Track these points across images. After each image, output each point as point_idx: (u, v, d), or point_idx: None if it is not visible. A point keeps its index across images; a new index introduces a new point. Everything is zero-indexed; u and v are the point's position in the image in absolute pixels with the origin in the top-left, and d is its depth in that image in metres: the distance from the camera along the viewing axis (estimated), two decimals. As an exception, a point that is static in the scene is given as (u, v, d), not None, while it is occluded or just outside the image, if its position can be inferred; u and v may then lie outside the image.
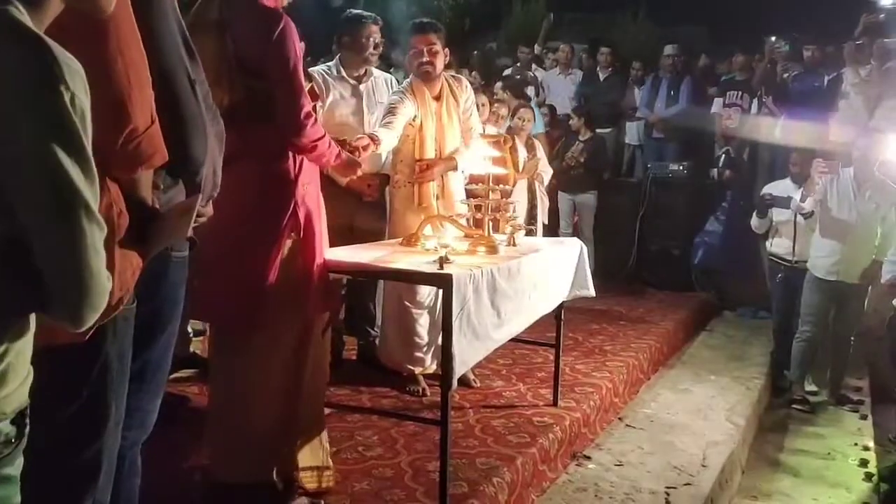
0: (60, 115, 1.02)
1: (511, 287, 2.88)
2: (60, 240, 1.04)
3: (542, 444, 3.19)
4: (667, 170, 6.96)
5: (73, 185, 1.03)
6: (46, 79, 1.02)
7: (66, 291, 1.07)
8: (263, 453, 2.49)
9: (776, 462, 4.23)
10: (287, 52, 2.36)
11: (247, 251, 2.39)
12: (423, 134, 3.57)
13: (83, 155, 1.05)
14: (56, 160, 1.02)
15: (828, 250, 4.89)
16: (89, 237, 1.06)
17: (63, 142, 1.03)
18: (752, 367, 5.22)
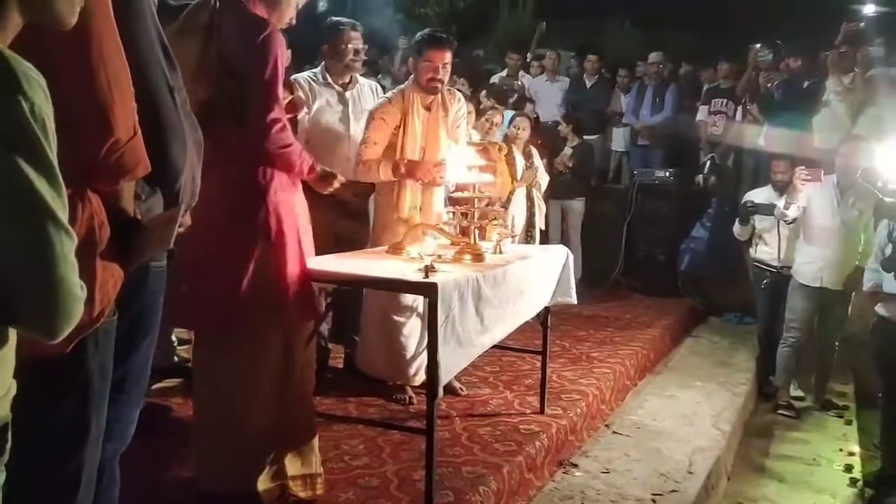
0: (20, 125, 1.01)
1: (496, 295, 2.88)
2: (28, 251, 1.03)
3: (529, 452, 3.19)
4: (653, 176, 6.99)
5: (38, 196, 1.02)
6: (4, 89, 1.00)
7: (37, 303, 1.05)
8: (247, 463, 2.48)
9: (762, 468, 4.25)
10: (267, 59, 2.39)
11: (221, 257, 2.39)
12: (406, 141, 3.57)
13: (47, 164, 1.03)
14: (19, 171, 1.00)
15: (812, 257, 4.93)
16: (58, 247, 1.04)
17: (25, 152, 1.01)
18: (738, 372, 5.25)
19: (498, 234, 3.34)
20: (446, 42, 3.62)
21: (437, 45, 3.56)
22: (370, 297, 3.59)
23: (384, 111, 3.57)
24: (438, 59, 3.55)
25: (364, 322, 3.71)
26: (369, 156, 3.54)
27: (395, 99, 3.61)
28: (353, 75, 3.94)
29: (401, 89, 3.67)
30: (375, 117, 3.57)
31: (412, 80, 3.65)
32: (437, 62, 3.54)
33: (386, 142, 3.56)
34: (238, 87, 2.41)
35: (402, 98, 3.59)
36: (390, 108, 3.57)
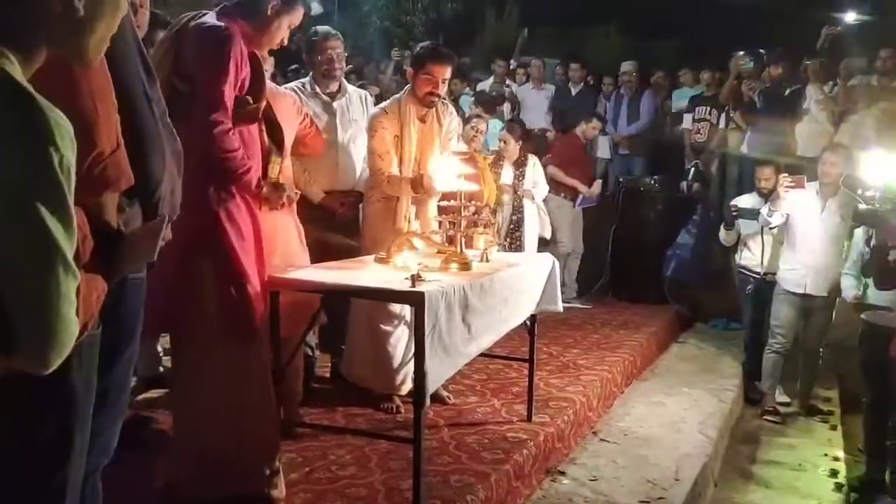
0: (48, 178, 1.07)
1: (483, 303, 2.89)
2: (36, 292, 1.09)
3: (517, 460, 3.19)
4: (638, 183, 7.03)
5: (54, 241, 1.08)
6: (38, 142, 1.06)
7: (35, 338, 1.11)
8: (226, 469, 2.49)
9: (748, 474, 4.27)
10: (218, 60, 2.42)
11: (174, 262, 2.39)
12: (403, 152, 3.57)
13: (65, 210, 1.10)
14: (40, 219, 1.07)
15: (796, 263, 4.97)
16: (64, 288, 1.11)
17: (48, 201, 1.07)
18: (725, 378, 5.28)
19: (484, 242, 3.35)
20: (449, 57, 3.61)
21: (440, 60, 3.55)
22: (357, 305, 3.58)
23: (383, 120, 3.56)
24: (440, 74, 3.54)
25: (351, 331, 3.70)
26: (388, 168, 3.52)
27: (390, 109, 3.60)
28: (341, 85, 3.94)
29: (396, 99, 3.66)
30: (377, 128, 3.56)
31: (408, 91, 3.63)
32: (438, 77, 3.54)
33: (392, 149, 3.55)
34: (189, 90, 2.44)
35: (398, 108, 3.59)
36: (387, 118, 3.56)
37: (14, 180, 1.06)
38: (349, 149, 3.84)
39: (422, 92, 3.56)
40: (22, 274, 1.09)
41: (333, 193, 3.77)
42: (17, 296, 1.10)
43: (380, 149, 3.54)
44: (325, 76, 3.81)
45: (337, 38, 3.83)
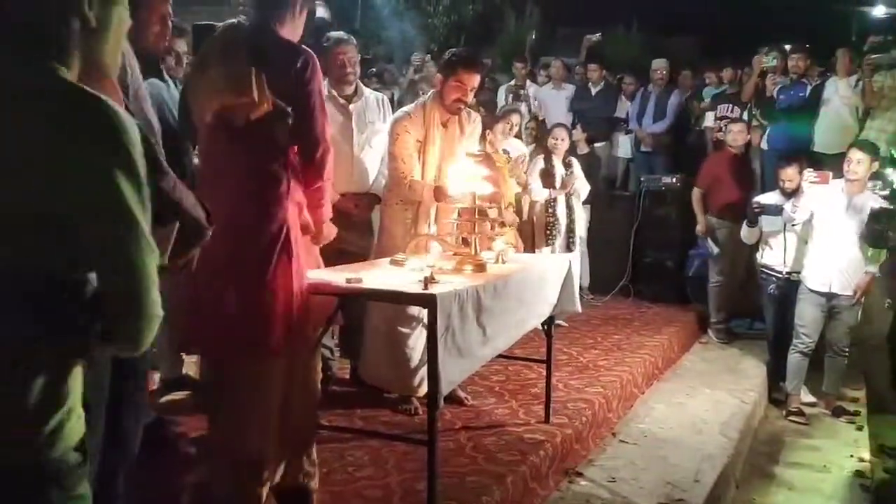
0: (127, 161, 1.12)
1: (497, 305, 2.89)
2: (126, 271, 1.14)
3: (533, 462, 3.19)
4: (660, 182, 6.98)
5: (137, 219, 1.13)
6: (114, 133, 1.11)
7: (130, 319, 1.16)
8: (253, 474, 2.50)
9: (771, 475, 4.22)
10: (315, 89, 2.55)
11: (239, 276, 2.33)
12: (426, 158, 3.57)
13: (143, 191, 1.14)
14: (123, 197, 1.11)
15: (820, 261, 4.91)
16: (149, 266, 1.15)
17: (130, 181, 1.12)
18: (747, 379, 5.22)
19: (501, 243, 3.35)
20: (481, 65, 3.61)
21: (472, 68, 3.53)
22: (374, 307, 3.60)
23: (407, 124, 3.55)
24: (470, 82, 3.53)
25: (368, 333, 3.71)
26: (410, 173, 3.52)
27: (415, 113, 3.59)
28: (357, 88, 3.96)
29: (421, 103, 3.66)
30: (399, 132, 3.55)
31: (433, 96, 3.62)
32: (468, 85, 3.52)
33: (415, 153, 3.56)
34: (280, 110, 2.40)
35: (422, 113, 3.58)
36: (412, 122, 3.56)
37: (99, 165, 1.10)
38: (365, 151, 3.86)
39: (450, 99, 3.54)
40: (111, 255, 1.13)
41: (348, 195, 3.80)
42: (108, 278, 1.14)
43: (402, 153, 3.54)
44: (340, 81, 3.83)
45: (349, 43, 3.85)
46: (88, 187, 1.10)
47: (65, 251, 1.12)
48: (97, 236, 1.12)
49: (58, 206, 1.09)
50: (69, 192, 1.09)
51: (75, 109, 1.10)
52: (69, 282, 1.14)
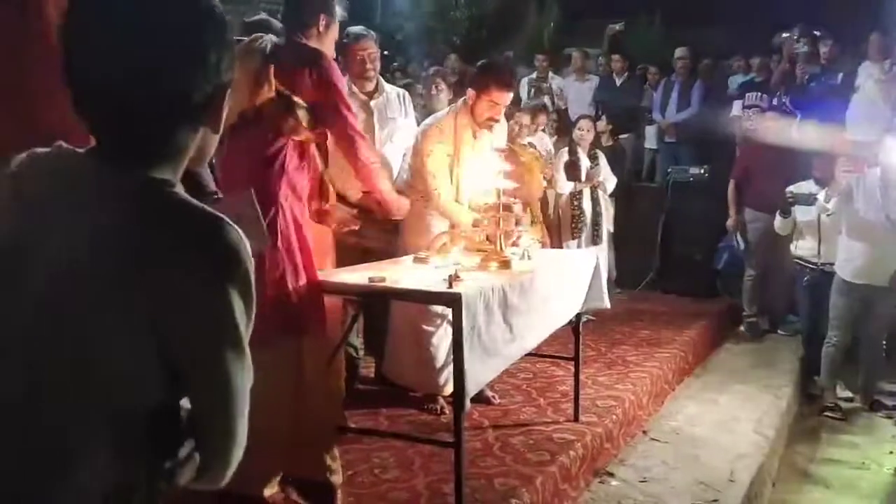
0: (244, 279, 1.04)
1: (523, 302, 2.82)
2: (225, 397, 1.06)
3: (563, 462, 3.12)
4: (687, 174, 6.84)
5: (243, 343, 1.06)
6: (232, 252, 1.03)
7: (225, 449, 1.09)
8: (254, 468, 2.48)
9: (807, 473, 4.10)
10: (339, 87, 2.64)
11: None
12: (457, 172, 3.50)
13: (245, 353, 1.07)
14: (227, 368, 1.05)
15: (855, 252, 4.77)
16: (247, 392, 1.09)
17: (233, 346, 1.05)
18: (781, 374, 5.10)
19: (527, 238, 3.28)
20: (515, 82, 3.53)
21: (505, 88, 3.46)
22: (397, 305, 3.55)
23: (437, 140, 3.48)
24: (503, 101, 3.47)
25: (392, 331, 3.67)
26: (442, 189, 3.46)
27: (446, 127, 3.51)
28: (378, 84, 3.90)
29: (451, 112, 3.57)
30: (431, 148, 3.46)
31: (463, 107, 3.53)
32: (501, 103, 3.46)
33: (447, 169, 3.49)
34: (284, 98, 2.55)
35: (453, 125, 3.50)
36: (444, 136, 3.48)
37: (217, 287, 1.02)
38: (386, 148, 3.81)
39: (482, 116, 3.47)
40: (212, 418, 1.07)
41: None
42: (209, 403, 1.07)
43: (434, 170, 3.47)
44: (360, 77, 3.78)
45: (369, 39, 3.79)
46: (202, 309, 1.02)
47: (164, 376, 1.03)
48: (199, 359, 1.04)
49: (163, 328, 1.00)
50: (176, 313, 1.00)
51: (192, 229, 1.02)
52: (166, 412, 1.06)
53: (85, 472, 1.01)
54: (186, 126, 1.07)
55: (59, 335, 1.01)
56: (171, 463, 1.05)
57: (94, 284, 1.00)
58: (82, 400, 1.01)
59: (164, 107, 1.03)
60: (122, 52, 1.00)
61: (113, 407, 1.02)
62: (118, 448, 1.02)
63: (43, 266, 1.01)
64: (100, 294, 1.00)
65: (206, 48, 1.04)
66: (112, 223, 1.00)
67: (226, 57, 1.07)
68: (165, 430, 1.06)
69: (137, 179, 1.04)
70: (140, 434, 1.03)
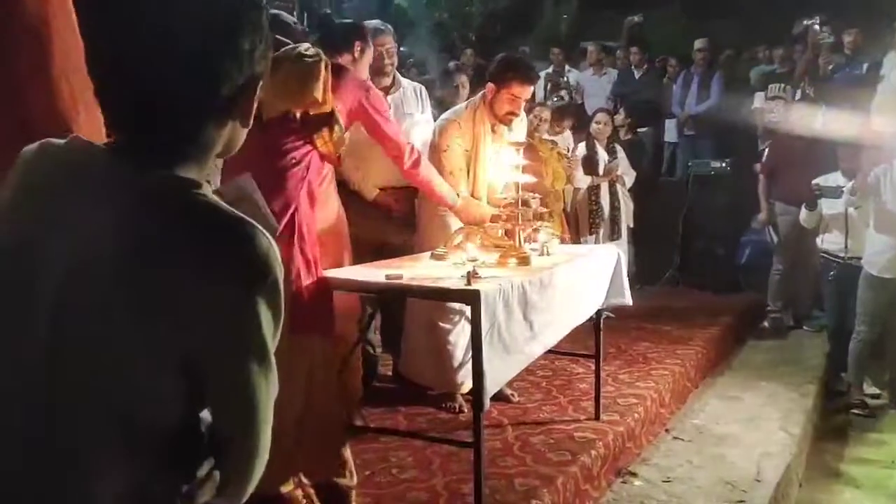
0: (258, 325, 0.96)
1: (543, 299, 2.76)
2: (249, 411, 0.99)
3: (584, 462, 3.05)
4: (708, 167, 6.74)
5: (269, 355, 0.99)
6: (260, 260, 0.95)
7: (248, 466, 1.03)
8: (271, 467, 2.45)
9: (835, 472, 4.01)
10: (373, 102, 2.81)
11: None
12: (477, 168, 3.45)
13: (271, 365, 1.00)
14: (252, 381, 0.97)
15: (882, 246, 4.65)
16: (271, 407, 1.02)
17: (259, 358, 0.97)
18: (806, 370, 4.99)
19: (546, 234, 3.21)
20: (535, 76, 3.47)
21: (526, 82, 3.39)
22: (414, 302, 3.49)
23: (456, 136, 3.42)
24: (524, 95, 3.40)
25: (408, 328, 3.62)
26: (458, 186, 3.39)
27: (464, 122, 3.45)
28: (395, 78, 3.85)
29: (470, 107, 3.51)
30: (449, 143, 3.41)
31: (482, 100, 3.47)
32: (522, 97, 3.39)
33: (464, 166, 3.44)
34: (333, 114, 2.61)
35: (471, 120, 3.45)
36: (462, 132, 3.43)
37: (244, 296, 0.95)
38: (403, 142, 3.75)
39: (502, 111, 3.40)
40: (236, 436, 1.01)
41: (388, 190, 3.70)
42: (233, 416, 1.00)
43: (451, 166, 3.42)
44: (377, 72, 3.72)
45: (386, 33, 3.74)
46: (228, 321, 0.94)
47: (184, 391, 0.97)
48: (223, 373, 0.97)
49: (185, 340, 0.93)
50: (199, 324, 0.93)
51: (219, 235, 0.95)
52: (185, 428, 0.99)
53: (99, 491, 0.96)
54: (215, 118, 1.00)
55: (72, 346, 0.94)
56: (189, 484, 0.99)
57: (108, 291, 0.93)
58: (96, 416, 0.95)
59: (192, 97, 0.96)
60: (147, 39, 0.93)
61: (129, 422, 0.95)
62: (134, 466, 0.96)
63: (51, 268, 0.94)
64: (113, 298, 0.93)
65: (238, 34, 0.97)
66: (127, 225, 0.93)
67: (260, 45, 0.99)
68: (184, 448, 0.99)
69: (159, 178, 0.96)
70: (158, 452, 0.97)
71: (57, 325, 0.94)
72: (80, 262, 0.94)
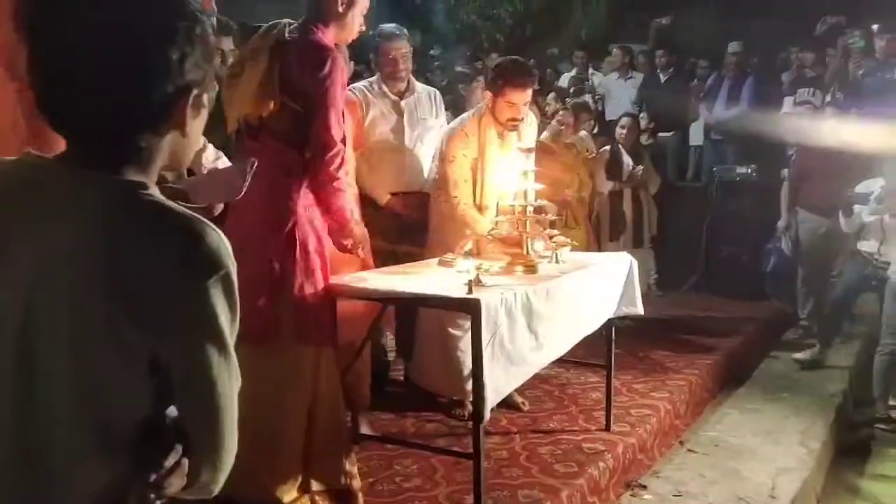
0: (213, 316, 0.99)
1: (549, 308, 2.72)
2: (212, 401, 1.02)
3: (592, 474, 3.01)
4: (734, 173, 6.62)
5: (227, 392, 1.02)
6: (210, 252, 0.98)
7: (214, 458, 1.05)
8: (275, 475, 2.46)
9: (856, 489, 3.89)
10: (331, 90, 2.45)
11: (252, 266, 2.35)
12: (484, 177, 3.41)
13: (230, 356, 1.03)
14: (213, 369, 1.00)
15: (913, 256, 4.52)
16: (235, 396, 1.04)
17: (217, 347, 1.00)
18: (830, 382, 4.87)
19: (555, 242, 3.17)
20: (530, 79, 3.39)
21: (520, 87, 3.32)
22: (425, 309, 3.47)
23: (461, 146, 3.39)
24: (521, 100, 3.34)
25: (419, 335, 3.61)
26: (465, 197, 3.38)
27: (470, 130, 3.42)
28: (409, 83, 3.84)
29: (476, 116, 3.47)
30: (455, 154, 3.38)
31: (487, 110, 3.43)
32: (519, 102, 3.34)
33: (470, 177, 3.41)
34: (301, 111, 2.48)
35: (477, 128, 3.41)
36: (467, 142, 3.40)
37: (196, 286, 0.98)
38: (416, 149, 3.74)
39: (503, 118, 3.37)
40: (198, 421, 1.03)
41: (400, 195, 3.69)
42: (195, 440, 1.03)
43: (457, 176, 3.39)
44: (391, 77, 3.71)
45: (401, 38, 3.72)
46: (184, 314, 0.98)
47: (153, 388, 1.01)
48: (184, 365, 1.00)
49: (149, 337, 0.97)
50: (157, 319, 0.96)
51: (169, 233, 0.98)
52: (152, 421, 1.02)
53: (70, 485, 0.99)
54: (150, 126, 1.01)
55: (41, 350, 0.97)
56: (157, 474, 1.01)
57: (71, 296, 0.96)
58: (67, 414, 0.98)
59: (119, 106, 0.98)
60: (76, 47, 0.95)
61: (98, 419, 0.99)
62: (104, 460, 1.00)
63: (17, 280, 0.97)
64: (77, 305, 0.96)
65: (166, 44, 0.98)
66: (84, 230, 0.96)
67: (192, 55, 1.00)
68: (152, 440, 1.02)
69: (108, 183, 0.99)
70: (126, 445, 1.00)
71: (25, 334, 0.97)
72: (43, 273, 0.97)
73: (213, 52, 1.05)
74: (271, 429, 2.44)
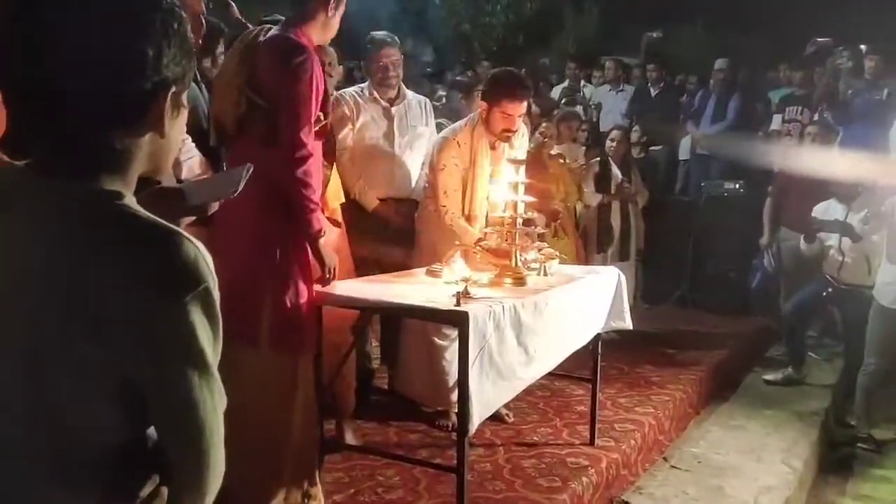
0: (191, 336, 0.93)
1: (538, 322, 2.70)
2: (195, 460, 0.98)
3: (575, 489, 2.98)
4: (721, 188, 6.63)
5: (210, 413, 0.97)
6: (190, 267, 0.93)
7: (199, 480, 1.00)
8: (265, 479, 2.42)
9: (837, 509, 3.90)
10: (298, 87, 2.37)
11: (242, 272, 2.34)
12: (475, 186, 3.38)
13: (212, 375, 0.97)
14: (193, 393, 0.95)
15: (893, 277, 4.54)
16: (220, 416, 0.99)
17: (197, 368, 0.95)
18: (813, 400, 4.88)
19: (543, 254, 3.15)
20: (526, 91, 3.37)
21: (516, 99, 3.29)
22: (409, 321, 3.44)
23: (453, 155, 3.35)
24: (517, 111, 3.31)
25: (404, 344, 3.57)
26: (454, 207, 3.35)
27: (462, 140, 3.39)
28: (400, 90, 3.82)
29: (469, 126, 3.44)
30: (446, 162, 3.34)
31: (480, 119, 3.40)
32: (514, 114, 3.31)
33: (461, 185, 3.38)
34: (269, 110, 2.43)
35: (469, 138, 3.39)
36: (459, 152, 3.37)
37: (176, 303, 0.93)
38: (406, 155, 3.72)
39: (497, 129, 3.33)
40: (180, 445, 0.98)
41: (388, 201, 3.66)
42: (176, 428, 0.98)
43: (446, 185, 3.36)
44: (382, 84, 3.69)
45: (392, 45, 3.70)
46: (160, 332, 0.92)
47: (124, 414, 0.95)
48: (161, 387, 0.95)
49: (120, 359, 0.91)
50: (132, 337, 0.91)
51: (143, 245, 0.92)
52: (127, 448, 0.97)
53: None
54: (125, 125, 0.96)
55: (5, 372, 0.92)
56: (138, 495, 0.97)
57: (39, 313, 0.90)
58: (34, 442, 0.93)
59: (93, 105, 0.92)
60: (46, 44, 0.90)
61: (55, 443, 0.93)
62: (67, 490, 0.94)
63: None
64: (45, 323, 0.90)
65: (141, 38, 0.92)
66: (52, 242, 0.91)
67: (169, 52, 0.95)
68: (128, 468, 0.97)
69: (79, 192, 0.94)
70: (93, 474, 0.94)
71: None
72: (11, 285, 0.92)
73: (192, 49, 1.00)
74: (254, 438, 2.41)
